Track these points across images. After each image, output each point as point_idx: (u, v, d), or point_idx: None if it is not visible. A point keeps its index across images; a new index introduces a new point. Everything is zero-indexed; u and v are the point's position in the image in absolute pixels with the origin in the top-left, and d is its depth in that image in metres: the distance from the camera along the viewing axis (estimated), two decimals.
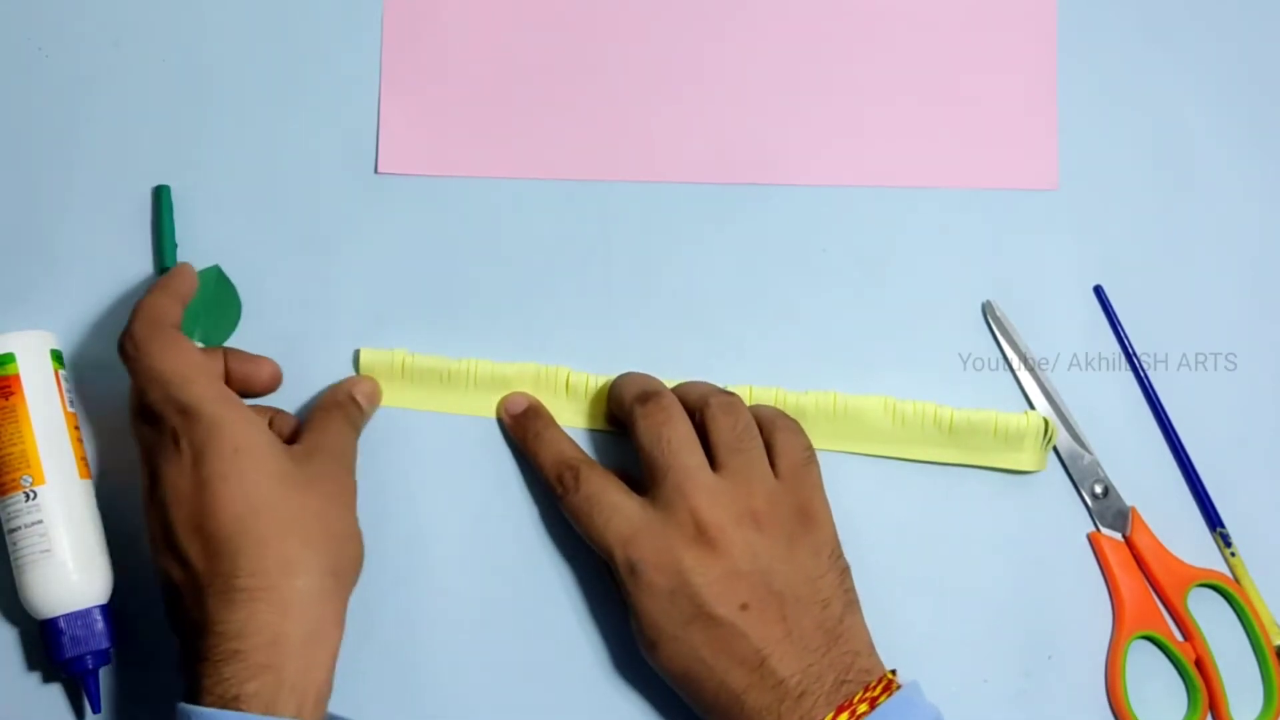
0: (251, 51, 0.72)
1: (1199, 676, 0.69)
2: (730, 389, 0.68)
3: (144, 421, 0.63)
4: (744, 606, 0.61)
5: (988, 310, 0.71)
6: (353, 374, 0.69)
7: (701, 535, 0.62)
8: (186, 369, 0.62)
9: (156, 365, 0.62)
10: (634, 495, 0.64)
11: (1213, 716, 0.69)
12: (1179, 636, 0.69)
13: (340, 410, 0.66)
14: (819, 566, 0.63)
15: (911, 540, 0.69)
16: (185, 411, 0.61)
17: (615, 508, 0.64)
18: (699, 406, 0.65)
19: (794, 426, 0.66)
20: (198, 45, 0.72)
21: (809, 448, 0.66)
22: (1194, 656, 0.69)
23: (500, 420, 0.69)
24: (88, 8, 0.72)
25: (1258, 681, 0.69)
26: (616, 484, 0.65)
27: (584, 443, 0.69)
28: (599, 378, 0.69)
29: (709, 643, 0.61)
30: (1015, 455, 0.69)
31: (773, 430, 0.65)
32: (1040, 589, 0.69)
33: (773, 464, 0.65)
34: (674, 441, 0.64)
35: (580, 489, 0.64)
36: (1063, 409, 0.70)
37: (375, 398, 0.68)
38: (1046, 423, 0.69)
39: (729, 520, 0.62)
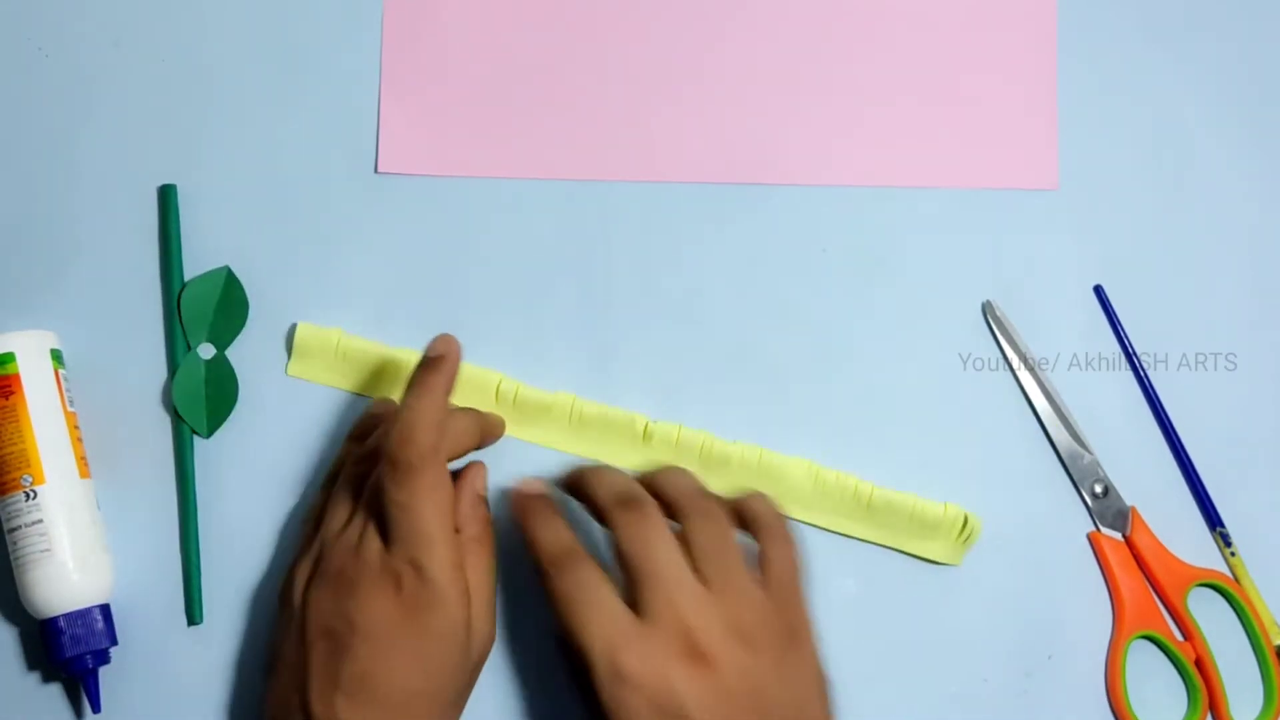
0: (251, 51, 0.72)
1: (1199, 676, 0.69)
2: (661, 423, 0.67)
3: (367, 512, 0.61)
4: None
5: (988, 310, 0.71)
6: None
7: (692, 650, 0.58)
8: (440, 528, 0.60)
9: (416, 508, 0.60)
10: (621, 600, 0.60)
11: (1213, 716, 0.69)
12: (1179, 636, 0.69)
13: (487, 546, 0.64)
14: (807, 686, 0.61)
15: None
16: (419, 571, 0.59)
17: (603, 605, 0.60)
18: (677, 509, 0.62)
19: (787, 535, 0.63)
20: (198, 45, 0.72)
21: (800, 558, 0.62)
22: (1194, 656, 0.69)
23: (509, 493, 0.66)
24: (88, 8, 0.72)
25: (1258, 681, 0.69)
26: (609, 583, 0.61)
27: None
28: (531, 389, 0.68)
29: None
30: (927, 545, 0.68)
31: (766, 537, 0.62)
32: (1040, 589, 0.69)
33: (762, 570, 0.61)
34: (661, 554, 0.60)
35: (573, 573, 0.61)
36: (1063, 409, 0.70)
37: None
38: (967, 518, 0.68)
39: (718, 635, 0.59)
